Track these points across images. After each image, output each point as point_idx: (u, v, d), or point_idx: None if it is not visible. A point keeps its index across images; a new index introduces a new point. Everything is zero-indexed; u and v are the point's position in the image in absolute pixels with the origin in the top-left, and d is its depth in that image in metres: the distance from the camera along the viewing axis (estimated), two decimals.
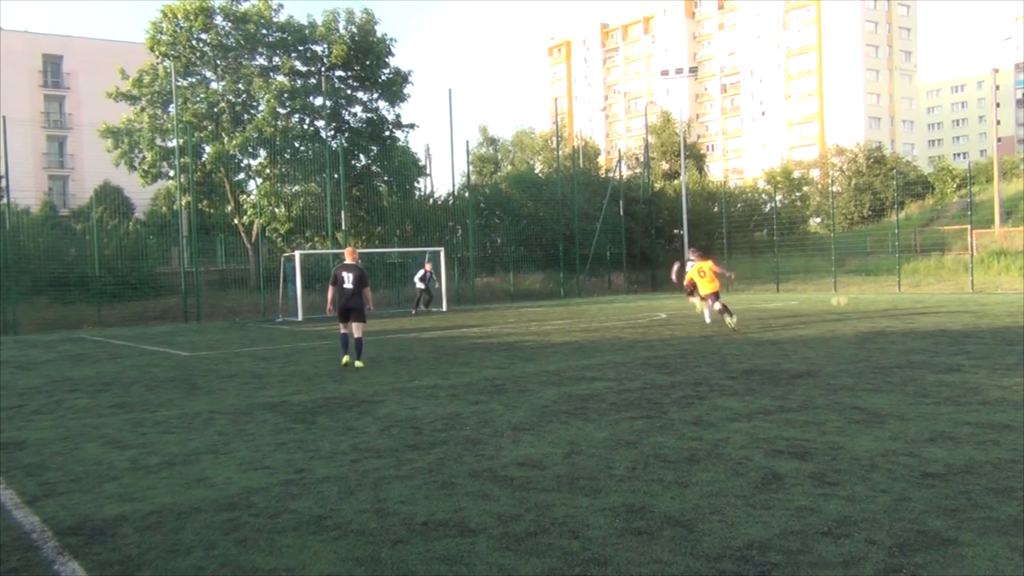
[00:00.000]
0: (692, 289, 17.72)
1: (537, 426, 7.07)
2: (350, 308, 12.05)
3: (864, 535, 4.06)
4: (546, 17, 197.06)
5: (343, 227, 32.25)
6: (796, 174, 56.99)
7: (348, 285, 12.03)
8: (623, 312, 23.87)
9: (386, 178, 36.29)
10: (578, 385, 9.42)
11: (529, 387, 9.39)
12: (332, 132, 35.21)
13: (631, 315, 22.26)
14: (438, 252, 29.10)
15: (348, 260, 12.34)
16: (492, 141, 76.73)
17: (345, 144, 33.95)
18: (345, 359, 12.20)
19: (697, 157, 60.89)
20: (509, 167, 67.33)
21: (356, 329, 12.14)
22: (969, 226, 32.59)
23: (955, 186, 50.11)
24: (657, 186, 46.66)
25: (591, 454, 5.97)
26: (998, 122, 44.35)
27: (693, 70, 47.82)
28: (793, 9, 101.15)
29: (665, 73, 47.15)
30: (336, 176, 31.75)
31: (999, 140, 45.68)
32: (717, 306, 16.57)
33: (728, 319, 16.17)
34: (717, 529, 4.22)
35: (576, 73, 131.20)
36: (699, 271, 17.10)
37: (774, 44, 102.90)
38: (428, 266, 26.92)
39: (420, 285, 26.66)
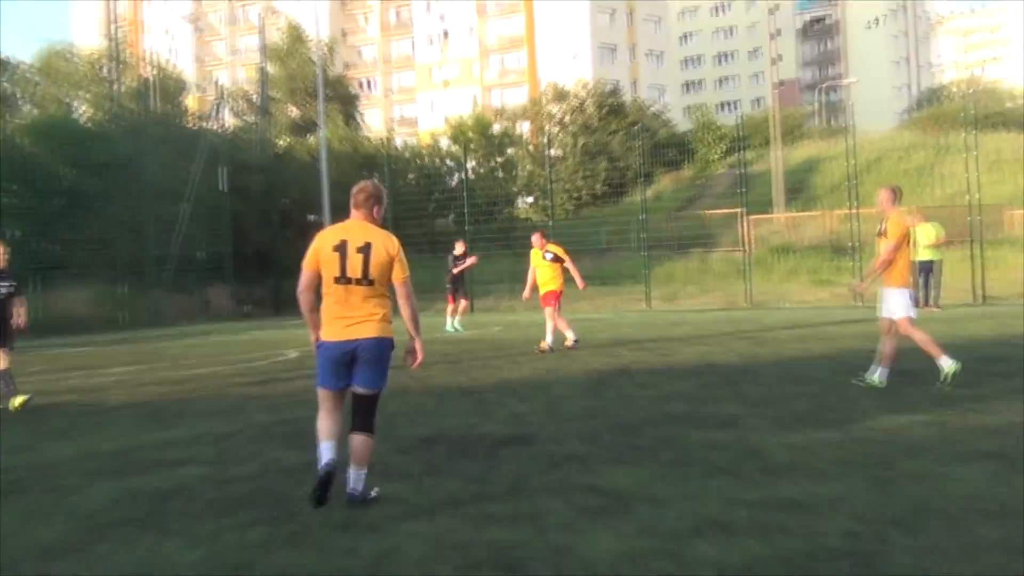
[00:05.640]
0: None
1: (80, 547, 6.64)
2: None
3: None
4: None
5: None
6: (496, 128, 58.60)
7: None
8: (228, 350, 23.80)
9: None
10: (152, 474, 9.16)
11: (66, 482, 8.98)
12: None
13: (241, 355, 22.07)
14: None
15: None
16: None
17: None
18: None
19: (345, 100, 62.23)
20: (32, 109, 62.90)
21: None
22: (742, 209, 33.34)
23: (722, 151, 52.81)
24: (281, 144, 47.87)
25: None
26: (778, 58, 45.95)
27: None
28: None
29: None
30: None
31: (780, 84, 47.32)
32: None
33: None
34: None
35: None
36: None
37: None
38: None
39: None
